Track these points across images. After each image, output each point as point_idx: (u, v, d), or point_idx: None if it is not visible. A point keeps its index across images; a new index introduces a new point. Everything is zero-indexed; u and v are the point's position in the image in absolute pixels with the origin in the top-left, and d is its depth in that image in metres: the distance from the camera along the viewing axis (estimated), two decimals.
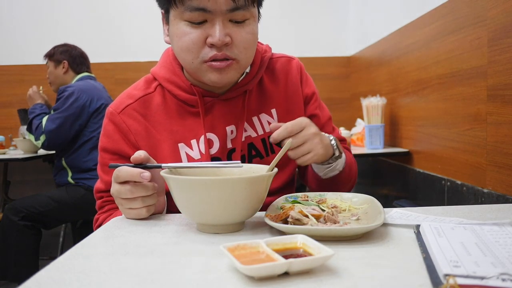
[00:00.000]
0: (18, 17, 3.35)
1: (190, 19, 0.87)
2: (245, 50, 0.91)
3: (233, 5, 0.86)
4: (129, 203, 0.79)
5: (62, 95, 2.40)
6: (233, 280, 0.50)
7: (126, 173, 0.77)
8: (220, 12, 0.86)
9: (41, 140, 2.37)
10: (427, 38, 1.90)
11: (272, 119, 1.04)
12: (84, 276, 0.52)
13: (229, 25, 0.88)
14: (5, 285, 2.33)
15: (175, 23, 0.90)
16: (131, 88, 1.04)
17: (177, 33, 0.90)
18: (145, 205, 0.79)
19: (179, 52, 0.92)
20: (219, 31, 0.86)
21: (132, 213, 0.80)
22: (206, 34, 0.88)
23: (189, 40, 0.88)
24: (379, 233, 0.68)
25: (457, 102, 1.64)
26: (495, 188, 1.39)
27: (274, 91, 1.06)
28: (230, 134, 1.00)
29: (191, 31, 0.88)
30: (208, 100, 0.99)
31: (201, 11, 0.85)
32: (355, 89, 3.22)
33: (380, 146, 2.33)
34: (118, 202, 0.81)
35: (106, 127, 1.01)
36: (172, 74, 1.00)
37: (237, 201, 0.67)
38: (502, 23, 1.34)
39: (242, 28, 0.90)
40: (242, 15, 0.88)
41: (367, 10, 2.92)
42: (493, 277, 0.46)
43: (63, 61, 2.57)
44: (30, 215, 2.28)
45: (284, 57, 1.10)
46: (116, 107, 1.00)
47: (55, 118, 2.36)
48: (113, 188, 0.80)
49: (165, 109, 1.00)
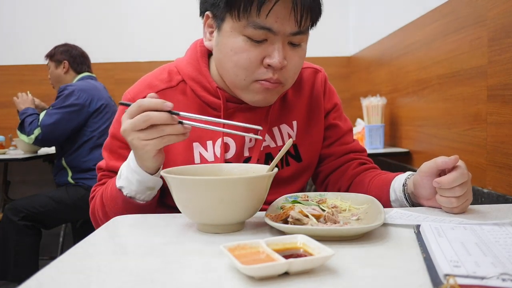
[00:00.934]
0: (18, 17, 3.35)
1: (251, 36, 0.84)
2: (294, 75, 0.91)
3: (297, 29, 0.85)
4: (145, 134, 0.75)
5: (62, 93, 2.40)
6: (233, 280, 0.50)
7: (149, 103, 0.74)
8: (284, 34, 0.84)
9: (35, 133, 2.35)
10: (427, 38, 1.90)
11: (292, 131, 1.03)
12: (84, 276, 0.52)
13: (287, 47, 0.87)
14: (5, 285, 2.33)
15: (232, 36, 0.86)
16: (152, 77, 1.00)
17: (234, 47, 0.86)
18: (163, 134, 0.75)
19: (231, 66, 0.88)
20: (280, 54, 0.84)
21: (149, 145, 0.75)
22: (264, 54, 0.85)
23: (247, 58, 0.85)
24: (379, 233, 0.68)
25: (457, 102, 1.64)
26: (495, 188, 1.39)
27: (297, 103, 1.04)
28: (248, 142, 0.99)
29: (249, 48, 0.85)
30: (231, 106, 0.97)
31: (265, 30, 0.83)
32: (355, 89, 3.22)
33: (380, 146, 2.34)
34: (132, 138, 0.76)
35: (121, 113, 0.98)
36: (198, 73, 0.97)
37: (237, 201, 0.67)
38: (502, 23, 1.34)
39: (297, 52, 0.89)
40: (300, 39, 0.88)
41: (367, 10, 2.92)
42: (493, 277, 0.46)
43: (64, 61, 2.57)
44: (30, 215, 2.28)
45: (311, 68, 1.09)
46: (134, 94, 0.97)
47: (53, 113, 2.36)
48: (125, 124, 0.76)
49: (185, 106, 0.96)
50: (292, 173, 1.03)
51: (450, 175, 0.76)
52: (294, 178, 1.04)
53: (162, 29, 3.36)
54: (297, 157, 1.04)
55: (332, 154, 1.09)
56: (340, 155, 1.09)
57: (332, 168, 1.09)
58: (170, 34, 3.33)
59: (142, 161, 0.80)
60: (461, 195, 0.77)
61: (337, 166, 1.09)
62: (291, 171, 1.03)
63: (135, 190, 0.85)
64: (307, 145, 1.05)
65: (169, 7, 3.38)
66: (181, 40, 3.34)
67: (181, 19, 3.35)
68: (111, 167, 0.98)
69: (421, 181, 0.83)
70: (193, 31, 2.88)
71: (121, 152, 0.97)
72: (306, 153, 1.05)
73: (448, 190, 0.77)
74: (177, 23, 3.35)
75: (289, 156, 1.03)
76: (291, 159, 1.03)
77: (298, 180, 1.05)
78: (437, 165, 0.79)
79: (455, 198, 0.77)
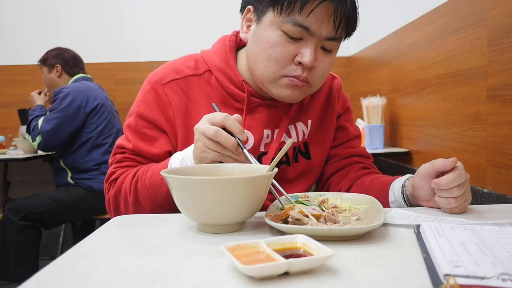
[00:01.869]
0: (18, 17, 3.35)
1: (288, 32, 0.87)
2: (321, 78, 0.94)
3: (333, 35, 0.88)
4: (211, 144, 0.79)
5: (57, 96, 2.40)
6: (233, 280, 0.50)
7: (231, 124, 0.79)
8: (319, 36, 0.88)
9: (37, 141, 2.36)
10: (427, 38, 1.90)
11: (306, 129, 1.06)
12: (84, 276, 0.52)
13: (319, 50, 0.90)
14: (5, 285, 2.33)
15: (270, 29, 0.89)
16: (178, 63, 1.02)
17: (269, 40, 0.89)
18: (224, 153, 0.80)
19: (263, 58, 0.91)
20: (312, 54, 0.87)
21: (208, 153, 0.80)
22: (297, 52, 0.88)
23: (281, 52, 0.88)
24: (379, 233, 0.68)
25: (457, 102, 1.64)
26: (495, 188, 1.39)
27: (314, 103, 1.08)
28: (265, 138, 1.01)
29: (284, 44, 0.88)
30: (254, 101, 1.00)
31: (303, 29, 0.86)
32: (355, 89, 3.22)
33: (380, 146, 2.34)
34: (198, 138, 0.80)
35: (146, 94, 1.00)
36: (225, 65, 0.99)
37: (237, 201, 0.67)
38: (502, 23, 1.33)
39: (327, 57, 0.92)
40: (332, 45, 0.91)
41: (367, 10, 2.92)
42: (493, 277, 0.46)
43: (56, 65, 2.58)
44: (30, 215, 2.29)
45: (329, 75, 1.13)
46: (161, 77, 0.99)
47: (51, 118, 2.36)
48: (202, 124, 0.80)
49: (209, 95, 0.99)
50: (301, 170, 1.05)
51: (448, 176, 0.77)
52: (302, 176, 1.06)
53: (162, 29, 3.36)
54: (307, 154, 1.06)
55: (337, 155, 1.11)
56: (344, 157, 1.11)
57: (335, 169, 1.10)
58: (170, 34, 3.33)
59: (198, 161, 0.84)
60: (459, 195, 0.77)
61: (340, 167, 1.10)
62: (300, 167, 1.05)
63: None
64: (318, 144, 1.08)
65: (169, 7, 3.38)
66: (181, 40, 3.36)
67: (181, 19, 3.36)
68: (139, 150, 0.98)
69: (420, 183, 0.83)
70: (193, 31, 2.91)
71: (146, 132, 0.98)
72: (316, 151, 1.07)
73: (446, 191, 0.77)
74: (177, 23, 3.35)
75: (299, 153, 1.05)
76: (300, 156, 1.05)
77: (306, 178, 1.07)
78: (436, 167, 0.80)
79: (453, 198, 0.77)
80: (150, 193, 0.91)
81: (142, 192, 0.92)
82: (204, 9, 3.29)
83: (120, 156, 1.00)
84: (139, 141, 0.98)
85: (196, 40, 2.77)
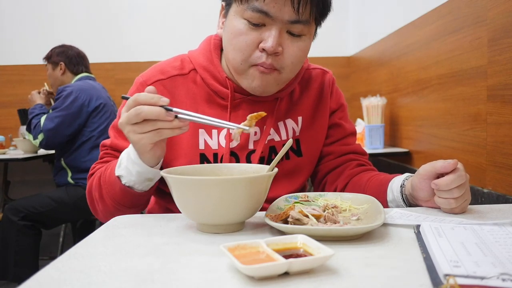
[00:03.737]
0: (18, 17, 3.35)
1: (249, 19, 0.86)
2: (291, 64, 0.91)
3: (296, 17, 0.86)
4: (139, 127, 0.75)
5: (60, 95, 2.41)
6: (233, 280, 0.50)
7: (144, 98, 0.75)
8: (281, 20, 0.86)
9: (39, 139, 2.37)
10: (427, 38, 1.90)
11: (296, 126, 1.05)
12: (84, 276, 0.52)
13: (285, 35, 0.88)
14: (5, 285, 2.33)
15: (234, 19, 0.89)
16: (165, 64, 1.03)
17: (233, 30, 0.89)
18: (156, 127, 0.75)
19: (230, 49, 0.91)
20: (274, 38, 0.86)
21: (144, 139, 0.77)
22: (261, 38, 0.87)
23: (243, 41, 0.88)
24: (379, 233, 0.68)
25: (457, 102, 1.64)
26: (495, 188, 1.39)
27: (304, 100, 1.06)
28: (253, 135, 1.00)
29: (247, 32, 0.87)
30: (238, 97, 0.99)
31: (262, 14, 0.85)
32: (355, 89, 3.22)
33: (380, 146, 2.34)
34: (128, 131, 0.77)
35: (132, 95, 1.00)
36: (210, 63, 0.99)
37: (237, 201, 0.67)
38: (502, 23, 1.34)
39: (296, 43, 0.89)
40: (300, 29, 0.88)
41: (367, 10, 2.92)
42: (493, 277, 0.46)
43: (60, 62, 2.58)
44: (30, 215, 2.29)
45: (319, 69, 1.11)
46: (147, 78, 1.00)
47: (54, 117, 2.36)
48: (122, 117, 0.77)
49: (194, 94, 0.99)
50: (292, 167, 1.04)
51: (448, 177, 0.77)
52: (294, 173, 1.04)
53: (162, 29, 3.36)
54: (298, 151, 1.05)
55: (332, 152, 1.10)
56: (339, 154, 1.09)
57: (331, 167, 1.09)
58: (170, 34, 3.33)
59: (141, 154, 0.81)
60: (459, 196, 0.77)
61: (336, 165, 1.09)
62: (291, 165, 1.04)
63: (134, 181, 0.85)
64: (309, 140, 1.06)
65: (169, 7, 3.38)
66: (181, 40, 3.36)
67: (181, 19, 3.36)
68: (115, 146, 0.99)
69: (420, 184, 0.83)
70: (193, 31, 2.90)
71: None
72: (308, 148, 1.06)
73: (446, 192, 0.77)
74: (177, 23, 3.35)
75: (290, 150, 1.04)
76: (291, 153, 1.04)
77: (298, 175, 1.05)
78: (436, 169, 0.79)
79: (453, 199, 0.77)
80: (110, 189, 0.89)
81: (104, 188, 0.91)
82: (204, 9, 3.29)
83: (102, 153, 1.01)
84: (119, 138, 0.99)
85: (196, 40, 2.76)
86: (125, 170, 0.85)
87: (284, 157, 1.03)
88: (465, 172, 0.78)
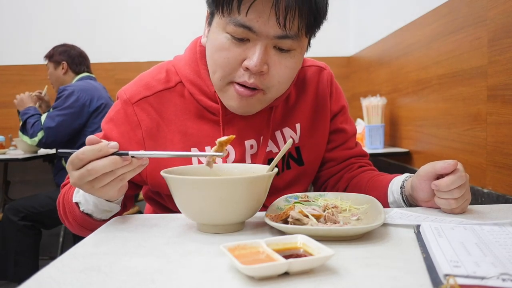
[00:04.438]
0: (18, 17, 3.35)
1: (232, 33, 0.79)
2: (278, 84, 0.83)
3: (282, 33, 0.77)
4: (98, 182, 0.70)
5: (62, 94, 2.41)
6: (233, 280, 0.50)
7: (90, 155, 0.68)
8: (266, 36, 0.78)
9: (38, 136, 2.36)
10: (427, 38, 1.90)
11: (295, 134, 0.99)
12: (84, 276, 0.52)
13: (271, 52, 0.80)
14: (5, 285, 2.33)
15: (216, 32, 0.82)
16: (149, 77, 0.95)
17: (215, 44, 0.82)
18: (116, 176, 0.70)
19: (211, 64, 0.86)
20: (258, 56, 0.78)
21: (107, 190, 0.72)
22: (244, 55, 0.80)
23: (225, 57, 0.80)
24: (379, 233, 0.68)
25: (457, 102, 1.64)
26: (495, 188, 1.39)
27: (301, 104, 0.99)
28: (249, 149, 0.94)
29: (229, 47, 0.80)
30: (229, 112, 0.91)
31: (246, 29, 0.77)
32: (355, 89, 3.22)
33: (380, 146, 2.34)
34: (87, 189, 0.72)
35: (116, 114, 0.94)
36: (197, 76, 0.92)
37: (237, 201, 0.67)
38: (502, 23, 1.33)
39: (284, 59, 0.81)
40: (289, 45, 0.80)
41: (367, 10, 2.92)
42: (493, 277, 0.46)
43: (62, 62, 2.58)
44: (30, 215, 2.29)
45: (315, 67, 1.04)
46: (131, 96, 0.92)
47: (55, 115, 2.36)
48: (72, 177, 0.71)
49: (183, 109, 0.92)
50: (293, 176, 1.00)
51: (448, 178, 0.77)
52: (295, 182, 1.01)
53: (162, 29, 3.36)
54: (299, 160, 1.00)
55: (335, 158, 1.06)
56: (342, 160, 1.06)
57: (333, 173, 1.07)
58: (170, 34, 3.33)
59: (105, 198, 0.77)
60: (459, 196, 0.77)
61: (338, 171, 1.07)
62: (292, 174, 1.00)
63: (92, 210, 0.82)
64: (310, 148, 1.01)
65: (169, 7, 3.38)
66: (181, 40, 3.34)
67: (181, 19, 3.35)
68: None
69: (419, 185, 0.83)
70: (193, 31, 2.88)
71: None
72: (309, 156, 1.01)
73: (447, 192, 0.77)
74: (177, 23, 3.35)
75: (291, 159, 0.99)
76: (292, 163, 0.99)
77: (299, 184, 1.02)
78: (436, 170, 0.79)
79: (453, 200, 0.77)
80: (71, 210, 0.86)
81: (67, 208, 0.88)
82: (204, 9, 3.29)
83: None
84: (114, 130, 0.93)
85: None
86: (83, 197, 0.82)
87: (285, 167, 0.99)
88: (465, 172, 0.78)
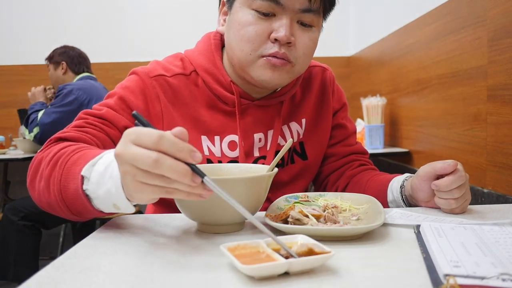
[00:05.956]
0: (19, 17, 3.35)
1: (258, 8, 0.83)
2: (304, 55, 0.88)
3: (308, 5, 0.84)
4: (147, 177, 0.54)
5: (60, 92, 2.43)
6: (233, 280, 0.50)
7: (172, 145, 0.53)
8: (292, 9, 0.83)
9: (34, 132, 2.38)
10: (427, 38, 1.90)
11: (301, 129, 1.02)
12: (84, 276, 0.52)
13: (296, 26, 0.85)
14: (5, 285, 2.33)
15: (241, 10, 0.86)
16: (167, 62, 0.96)
17: (241, 21, 0.85)
18: (169, 186, 0.54)
19: (238, 41, 0.86)
20: (287, 27, 0.83)
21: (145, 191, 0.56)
22: (271, 29, 0.84)
23: (253, 31, 0.84)
24: (379, 233, 0.68)
25: (457, 102, 1.64)
26: (495, 188, 1.39)
27: (306, 100, 1.03)
28: (258, 142, 0.96)
29: (256, 22, 0.84)
30: (243, 102, 0.94)
31: (273, 3, 0.82)
32: (355, 89, 3.22)
33: (380, 146, 2.34)
34: (124, 171, 0.56)
35: (133, 82, 0.90)
36: (212, 65, 0.94)
37: (237, 201, 0.67)
38: (502, 23, 1.33)
39: (307, 33, 0.87)
40: (311, 19, 0.86)
41: (367, 10, 2.92)
42: (493, 277, 0.46)
43: (62, 62, 2.60)
44: (30, 215, 2.28)
45: (318, 67, 1.08)
46: (149, 71, 0.92)
47: (51, 112, 2.38)
48: (125, 148, 0.54)
49: (196, 97, 0.93)
50: (298, 170, 1.02)
51: (448, 178, 0.77)
52: (298, 177, 1.03)
53: (162, 29, 3.36)
54: (303, 155, 1.03)
55: (335, 154, 1.09)
56: (342, 156, 1.09)
57: (333, 169, 1.09)
58: (170, 34, 3.33)
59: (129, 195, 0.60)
60: (459, 196, 0.77)
61: (338, 166, 1.09)
62: (297, 169, 1.02)
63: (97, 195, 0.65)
64: (314, 143, 1.04)
65: (169, 7, 3.38)
66: (181, 40, 3.35)
67: (181, 19, 3.36)
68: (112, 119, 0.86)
69: (419, 185, 0.83)
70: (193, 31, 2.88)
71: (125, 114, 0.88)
72: (312, 151, 1.04)
73: (447, 192, 0.77)
74: (177, 23, 3.35)
75: (295, 154, 1.02)
76: (296, 157, 1.02)
77: (302, 179, 1.04)
78: (436, 170, 0.79)
79: (453, 200, 0.77)
80: (63, 179, 0.68)
81: (57, 172, 0.70)
82: (204, 9, 3.28)
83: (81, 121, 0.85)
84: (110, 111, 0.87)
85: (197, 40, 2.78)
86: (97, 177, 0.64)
87: (289, 161, 1.01)
88: (464, 172, 0.78)
